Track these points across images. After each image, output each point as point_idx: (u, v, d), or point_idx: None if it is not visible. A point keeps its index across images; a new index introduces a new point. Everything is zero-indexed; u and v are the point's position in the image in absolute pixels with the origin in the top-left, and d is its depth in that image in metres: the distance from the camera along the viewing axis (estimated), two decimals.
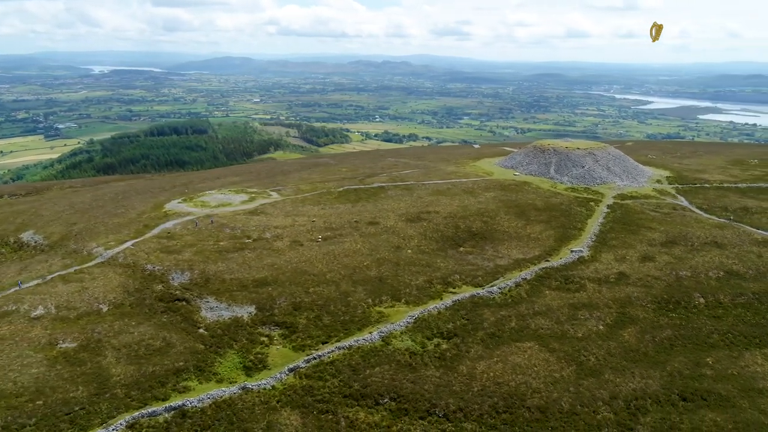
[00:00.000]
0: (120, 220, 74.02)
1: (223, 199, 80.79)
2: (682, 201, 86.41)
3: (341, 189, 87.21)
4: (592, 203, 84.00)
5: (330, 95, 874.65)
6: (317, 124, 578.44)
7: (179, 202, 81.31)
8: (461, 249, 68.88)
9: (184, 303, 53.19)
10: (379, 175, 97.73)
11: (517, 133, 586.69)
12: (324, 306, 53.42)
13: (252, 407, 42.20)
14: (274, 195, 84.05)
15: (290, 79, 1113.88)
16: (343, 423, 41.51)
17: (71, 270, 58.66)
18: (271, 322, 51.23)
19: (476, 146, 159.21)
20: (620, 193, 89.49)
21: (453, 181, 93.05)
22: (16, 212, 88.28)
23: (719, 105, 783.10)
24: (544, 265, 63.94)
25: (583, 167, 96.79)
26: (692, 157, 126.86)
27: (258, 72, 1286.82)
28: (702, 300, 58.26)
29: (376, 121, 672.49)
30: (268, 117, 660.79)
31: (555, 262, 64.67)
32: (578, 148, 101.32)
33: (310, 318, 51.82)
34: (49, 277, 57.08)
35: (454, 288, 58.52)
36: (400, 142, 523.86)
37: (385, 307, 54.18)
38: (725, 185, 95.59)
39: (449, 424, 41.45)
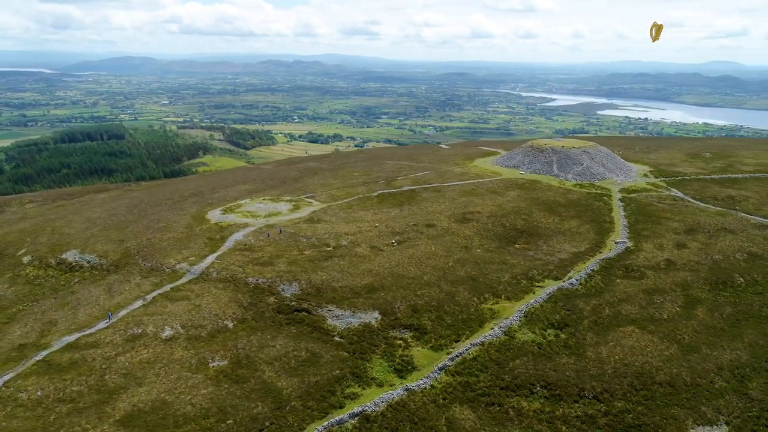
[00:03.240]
0: (173, 235, 71.84)
1: (269, 209, 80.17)
2: (677, 193, 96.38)
3: (377, 194, 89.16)
4: (605, 198, 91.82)
5: (243, 96, 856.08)
6: (238, 126, 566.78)
7: (223, 213, 79.76)
8: (517, 246, 73.64)
9: (305, 313, 53.78)
10: (398, 178, 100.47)
11: (436, 131, 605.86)
12: (438, 307, 56.09)
13: (424, 406, 44.41)
14: (315, 202, 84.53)
15: (197, 80, 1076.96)
16: (512, 413, 44.82)
17: (167, 288, 57.07)
18: (399, 325, 53.21)
19: (445, 147, 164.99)
20: (623, 187, 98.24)
21: (472, 182, 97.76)
22: (26, 231, 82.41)
23: (614, 101, 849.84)
24: (600, 256, 70.07)
25: (582, 165, 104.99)
26: (651, 152, 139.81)
27: (161, 72, 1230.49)
28: (742, 279, 66.61)
29: (295, 122, 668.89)
30: (181, 120, 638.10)
31: (608, 253, 70.99)
32: (573, 147, 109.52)
33: (432, 319, 54.34)
34: (149, 297, 55.26)
35: (538, 282, 63.13)
36: (326, 142, 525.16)
37: (491, 304, 57.74)
38: (701, 177, 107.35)
39: (601, 405, 45.92)
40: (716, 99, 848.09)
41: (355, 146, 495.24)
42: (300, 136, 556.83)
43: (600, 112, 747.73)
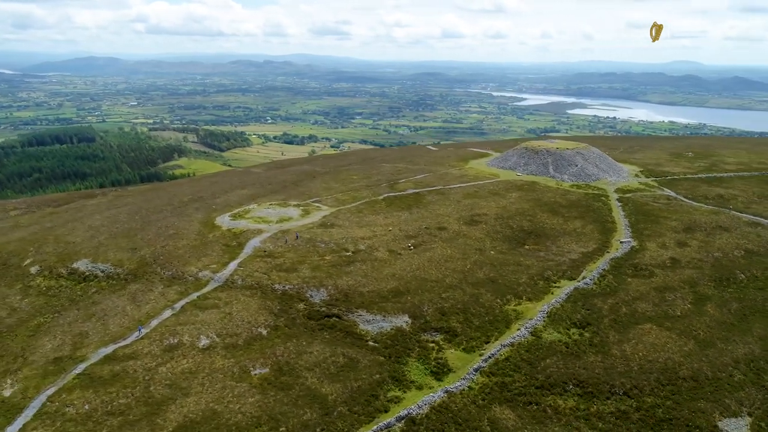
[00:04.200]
0: (187, 242, 71.34)
1: (280, 214, 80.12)
2: (669, 192, 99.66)
3: (383, 197, 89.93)
4: (603, 198, 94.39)
5: (213, 96, 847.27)
6: (211, 128, 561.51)
7: (232, 219, 79.42)
8: (527, 247, 75.34)
9: (336, 319, 54.31)
10: (400, 181, 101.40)
11: (411, 131, 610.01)
12: (465, 309, 57.25)
13: (465, 408, 45.47)
14: (323, 207, 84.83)
15: (166, 81, 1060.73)
16: (549, 411, 46.24)
17: (193, 297, 56.87)
18: (429, 328, 54.19)
19: (433, 148, 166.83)
20: (617, 187, 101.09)
21: (472, 184, 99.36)
22: (27, 240, 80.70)
23: (582, 100, 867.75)
24: (608, 256, 72.23)
25: (577, 166, 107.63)
26: (635, 152, 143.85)
27: (128, 73, 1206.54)
28: (743, 276, 69.50)
29: (268, 123, 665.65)
30: (151, 122, 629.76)
31: (615, 253, 73.22)
32: (567, 149, 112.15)
33: (461, 321, 55.48)
34: (177, 306, 55.02)
35: (554, 282, 64.85)
36: (301, 143, 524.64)
37: (514, 305, 59.18)
38: (689, 176, 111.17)
39: (632, 401, 47.70)
40: (680, 98, 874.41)
41: (331, 147, 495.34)
42: (275, 137, 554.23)
43: (570, 112, 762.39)
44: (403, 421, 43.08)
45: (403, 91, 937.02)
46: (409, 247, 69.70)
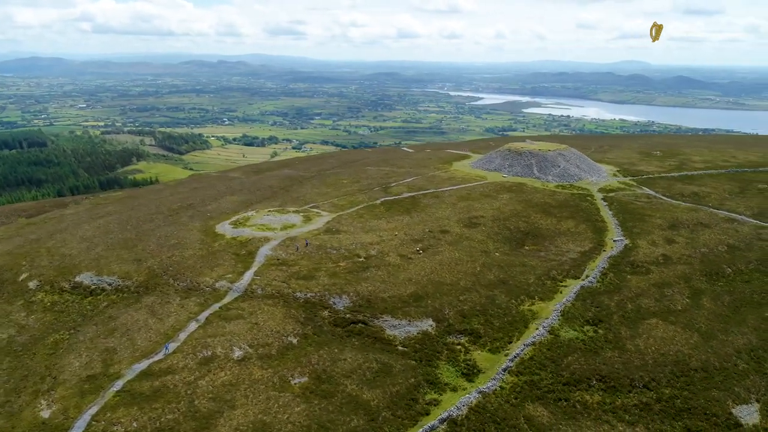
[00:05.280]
0: (193, 252, 70.45)
1: (282, 221, 79.89)
2: (649, 191, 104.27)
3: (380, 201, 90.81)
4: (589, 198, 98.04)
5: (166, 98, 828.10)
6: (168, 130, 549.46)
7: (234, 227, 78.72)
8: (527, 247, 77.77)
9: (362, 325, 55.04)
10: (392, 185, 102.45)
11: (371, 131, 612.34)
12: (483, 311, 58.93)
13: (501, 407, 47.10)
14: (323, 213, 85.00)
15: (116, 81, 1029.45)
16: (578, 406, 48.38)
17: (215, 308, 56.49)
18: (454, 331, 55.58)
19: (409, 150, 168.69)
20: (600, 187, 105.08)
21: (463, 186, 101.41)
22: (16, 254, 78.02)
23: (537, 99, 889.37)
24: (606, 254, 75.33)
25: (560, 167, 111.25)
26: (606, 151, 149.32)
27: (74, 74, 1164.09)
28: (729, 270, 73.76)
29: (226, 124, 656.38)
30: (102, 124, 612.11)
31: (612, 251, 76.43)
32: (549, 150, 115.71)
33: (482, 323, 57.12)
34: (201, 318, 54.54)
35: (561, 282, 67.34)
36: (262, 145, 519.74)
37: (528, 306, 61.26)
38: (663, 175, 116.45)
39: (652, 393, 50.41)
40: (629, 96, 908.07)
41: (293, 149, 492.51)
42: (234, 139, 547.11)
43: (525, 110, 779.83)
44: (445, 423, 44.31)
45: (361, 91, 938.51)
46: (418, 251, 70.95)
